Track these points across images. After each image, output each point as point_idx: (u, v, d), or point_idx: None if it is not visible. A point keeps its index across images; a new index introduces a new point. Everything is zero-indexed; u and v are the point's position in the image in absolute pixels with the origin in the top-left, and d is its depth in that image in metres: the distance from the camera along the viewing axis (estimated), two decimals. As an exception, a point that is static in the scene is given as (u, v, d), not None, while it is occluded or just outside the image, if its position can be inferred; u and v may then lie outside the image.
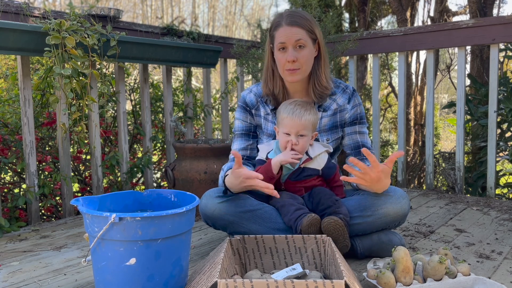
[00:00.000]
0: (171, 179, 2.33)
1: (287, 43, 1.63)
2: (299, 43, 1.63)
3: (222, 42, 3.22)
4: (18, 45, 2.03)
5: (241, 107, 1.83)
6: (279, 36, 1.64)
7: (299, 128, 1.61)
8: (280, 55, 1.65)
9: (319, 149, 1.68)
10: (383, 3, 5.17)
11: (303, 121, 1.61)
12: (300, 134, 1.62)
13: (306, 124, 1.62)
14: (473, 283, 1.33)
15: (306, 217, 1.50)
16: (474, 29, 2.69)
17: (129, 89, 3.18)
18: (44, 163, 2.51)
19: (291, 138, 1.61)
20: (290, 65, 1.63)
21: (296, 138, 1.61)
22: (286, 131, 1.62)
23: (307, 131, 1.63)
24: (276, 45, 1.65)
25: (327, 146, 1.71)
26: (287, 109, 1.64)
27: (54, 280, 1.52)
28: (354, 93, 1.79)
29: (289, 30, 1.62)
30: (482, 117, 3.10)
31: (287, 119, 1.62)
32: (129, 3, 9.07)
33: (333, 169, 1.71)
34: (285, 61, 1.64)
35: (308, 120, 1.62)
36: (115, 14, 2.54)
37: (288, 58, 1.63)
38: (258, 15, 10.64)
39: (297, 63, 1.64)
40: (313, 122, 1.64)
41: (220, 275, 1.13)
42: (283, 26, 1.63)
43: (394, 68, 5.30)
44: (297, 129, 1.61)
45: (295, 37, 1.62)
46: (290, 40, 1.62)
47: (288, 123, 1.62)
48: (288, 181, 1.68)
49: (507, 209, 2.39)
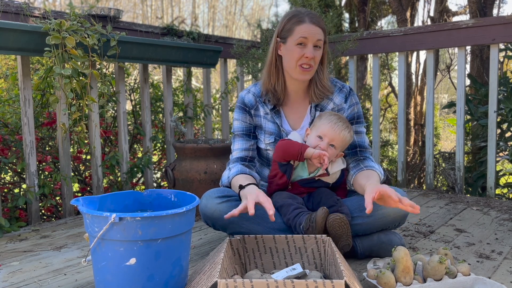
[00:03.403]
0: (171, 179, 2.33)
1: (309, 40, 1.63)
2: (318, 43, 1.65)
3: (222, 42, 3.22)
4: (18, 45, 2.03)
5: (239, 107, 1.82)
6: (302, 30, 1.64)
7: (334, 138, 1.62)
8: (298, 49, 1.65)
9: (338, 167, 1.69)
10: (383, 3, 5.17)
11: (341, 135, 1.63)
12: (332, 144, 1.63)
13: (341, 139, 1.63)
14: (473, 283, 1.33)
15: (313, 213, 1.50)
16: (474, 29, 2.69)
17: (129, 89, 3.18)
18: (44, 163, 2.51)
19: (322, 143, 1.62)
20: (307, 61, 1.64)
21: (327, 146, 1.62)
22: (320, 134, 1.63)
23: (338, 145, 1.64)
24: (296, 39, 1.64)
25: (344, 164, 1.72)
26: (330, 118, 1.65)
27: (54, 280, 1.52)
28: (351, 92, 1.79)
29: (313, 28, 1.64)
30: (482, 117, 3.10)
31: (327, 126, 1.63)
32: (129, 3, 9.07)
33: (341, 179, 1.72)
34: (302, 56, 1.64)
35: (345, 137, 1.64)
36: (115, 14, 2.54)
37: (307, 54, 1.63)
38: (258, 15, 10.64)
39: (312, 61, 1.65)
40: (347, 141, 1.66)
41: (220, 275, 1.13)
42: (307, 22, 1.64)
43: (394, 68, 5.30)
44: (332, 138, 1.62)
45: (318, 36, 1.64)
46: (313, 38, 1.63)
47: (325, 130, 1.63)
48: (296, 184, 1.68)
49: (507, 209, 2.39)
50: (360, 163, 1.71)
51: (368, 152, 1.76)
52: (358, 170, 1.68)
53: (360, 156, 1.74)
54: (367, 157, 1.74)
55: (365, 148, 1.76)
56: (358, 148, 1.75)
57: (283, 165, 1.67)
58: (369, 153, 1.77)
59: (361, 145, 1.76)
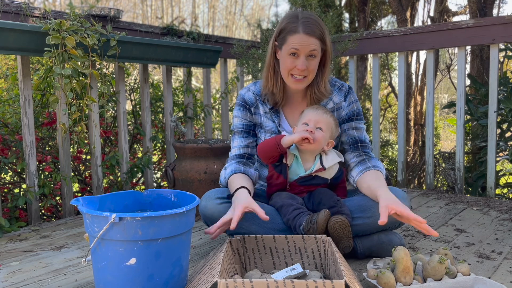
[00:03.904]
0: (171, 179, 2.33)
1: (301, 51, 1.61)
2: (311, 53, 1.62)
3: (222, 42, 3.22)
4: (18, 45, 2.03)
5: (240, 105, 1.81)
6: (294, 41, 1.61)
7: (319, 120, 1.63)
8: (290, 60, 1.63)
9: (333, 160, 1.68)
10: (383, 3, 5.17)
11: (324, 116, 1.65)
12: (318, 126, 1.63)
13: (326, 120, 1.65)
14: (473, 283, 1.33)
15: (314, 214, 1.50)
16: (474, 29, 2.69)
17: (129, 89, 3.18)
18: (44, 163, 2.51)
19: (309, 127, 1.63)
20: (299, 72, 1.63)
21: (314, 128, 1.62)
22: (305, 121, 1.65)
23: (325, 128, 1.64)
24: (288, 49, 1.62)
25: (340, 157, 1.70)
26: (311, 107, 1.69)
27: (54, 280, 1.52)
28: (350, 90, 1.79)
29: (306, 39, 1.60)
30: (482, 117, 3.10)
31: (309, 112, 1.66)
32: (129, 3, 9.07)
33: (340, 176, 1.72)
34: (294, 67, 1.63)
35: (328, 119, 1.66)
36: (115, 14, 2.54)
37: (299, 67, 1.61)
38: (258, 15, 10.64)
39: (305, 71, 1.64)
40: (332, 124, 1.67)
41: (220, 275, 1.13)
42: (300, 33, 1.60)
43: (394, 68, 5.30)
44: (316, 120, 1.63)
45: (311, 47, 1.61)
46: (305, 49, 1.61)
47: (308, 115, 1.65)
48: (294, 183, 1.68)
49: (507, 209, 2.39)
50: (366, 162, 1.69)
51: (369, 148, 1.76)
52: (365, 170, 1.66)
53: (362, 152, 1.73)
54: (370, 155, 1.73)
55: (365, 143, 1.76)
56: (360, 143, 1.74)
57: (277, 165, 1.68)
58: (370, 149, 1.77)
59: (362, 140, 1.75)
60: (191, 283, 1.30)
